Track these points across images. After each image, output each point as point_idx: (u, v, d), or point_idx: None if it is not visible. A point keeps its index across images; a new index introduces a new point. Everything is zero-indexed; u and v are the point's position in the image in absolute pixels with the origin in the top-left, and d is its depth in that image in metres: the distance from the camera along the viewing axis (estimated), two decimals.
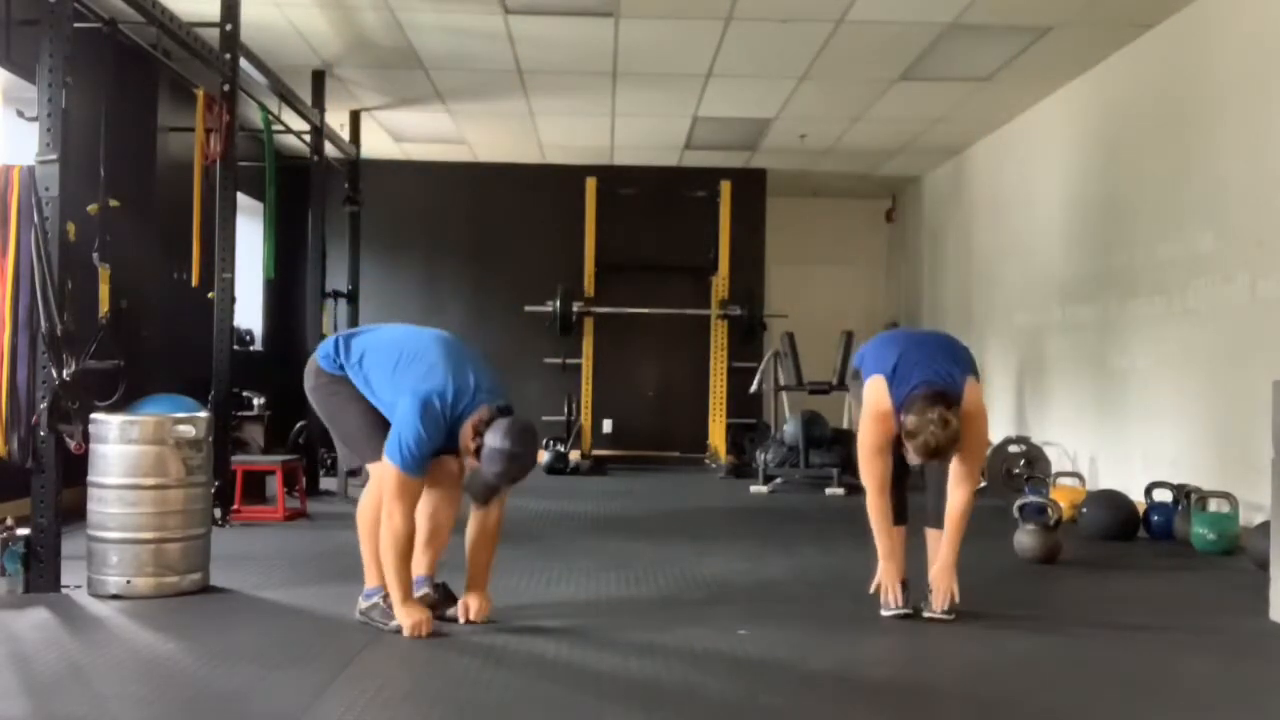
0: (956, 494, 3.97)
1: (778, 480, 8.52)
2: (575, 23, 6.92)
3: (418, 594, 3.90)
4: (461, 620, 3.81)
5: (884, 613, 4.04)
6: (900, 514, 4.12)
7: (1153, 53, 6.87)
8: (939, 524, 4.08)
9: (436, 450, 3.63)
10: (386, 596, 3.77)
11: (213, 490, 4.72)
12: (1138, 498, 6.19)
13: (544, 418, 10.52)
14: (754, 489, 8.31)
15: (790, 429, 8.68)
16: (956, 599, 3.96)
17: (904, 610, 4.02)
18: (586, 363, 10.48)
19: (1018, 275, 8.85)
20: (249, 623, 3.91)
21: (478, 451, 3.57)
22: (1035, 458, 7.67)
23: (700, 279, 10.75)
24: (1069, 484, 6.89)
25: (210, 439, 4.43)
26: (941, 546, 4.00)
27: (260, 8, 6.64)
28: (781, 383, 9.44)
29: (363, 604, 3.83)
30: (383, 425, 3.72)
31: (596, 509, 7.17)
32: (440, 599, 3.91)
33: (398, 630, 3.67)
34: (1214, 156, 6.12)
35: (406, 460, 3.55)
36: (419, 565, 3.95)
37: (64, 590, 4.23)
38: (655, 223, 10.95)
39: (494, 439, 3.53)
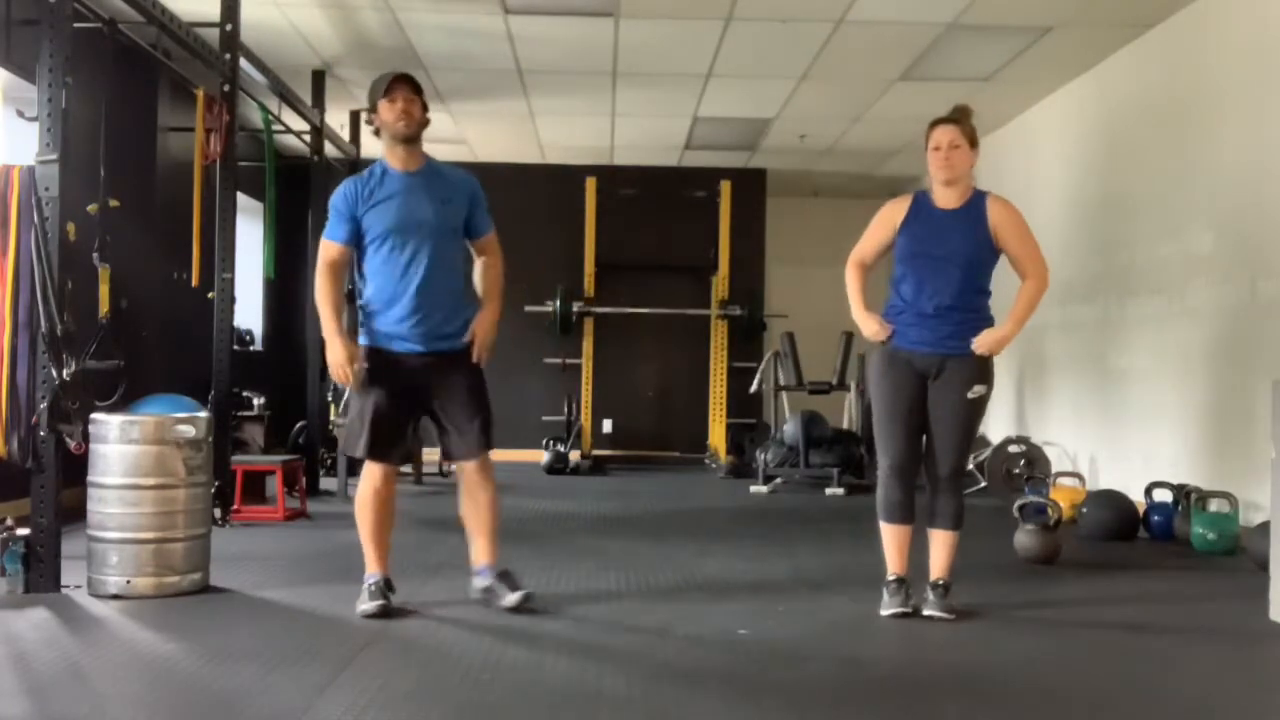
0: (1022, 289, 4.07)
1: (778, 480, 8.52)
2: (575, 23, 6.92)
3: (482, 585, 4.04)
4: (515, 605, 3.96)
5: (883, 611, 4.04)
6: (909, 513, 4.13)
7: (1153, 52, 6.87)
8: (941, 525, 4.10)
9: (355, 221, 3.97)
10: (377, 583, 3.93)
11: (213, 490, 4.72)
12: (1138, 498, 6.19)
13: (544, 418, 10.53)
14: (754, 489, 8.31)
15: (790, 429, 8.68)
16: (998, 349, 3.98)
17: (903, 609, 4.02)
18: (586, 363, 10.48)
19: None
20: (249, 623, 3.91)
21: (376, 108, 3.98)
22: (1035, 458, 7.67)
23: (700, 279, 10.75)
24: (1069, 484, 6.89)
25: (210, 439, 4.43)
26: (1007, 321, 4.03)
27: (260, 8, 6.64)
28: (781, 383, 9.44)
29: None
30: (373, 423, 3.93)
31: (596, 509, 7.17)
32: (500, 587, 4.00)
33: (365, 615, 3.85)
34: (1214, 156, 6.12)
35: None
36: (479, 555, 4.08)
37: (64, 590, 4.23)
38: (655, 223, 10.95)
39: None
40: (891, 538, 4.13)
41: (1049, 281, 4.07)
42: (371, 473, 4.01)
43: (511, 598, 3.96)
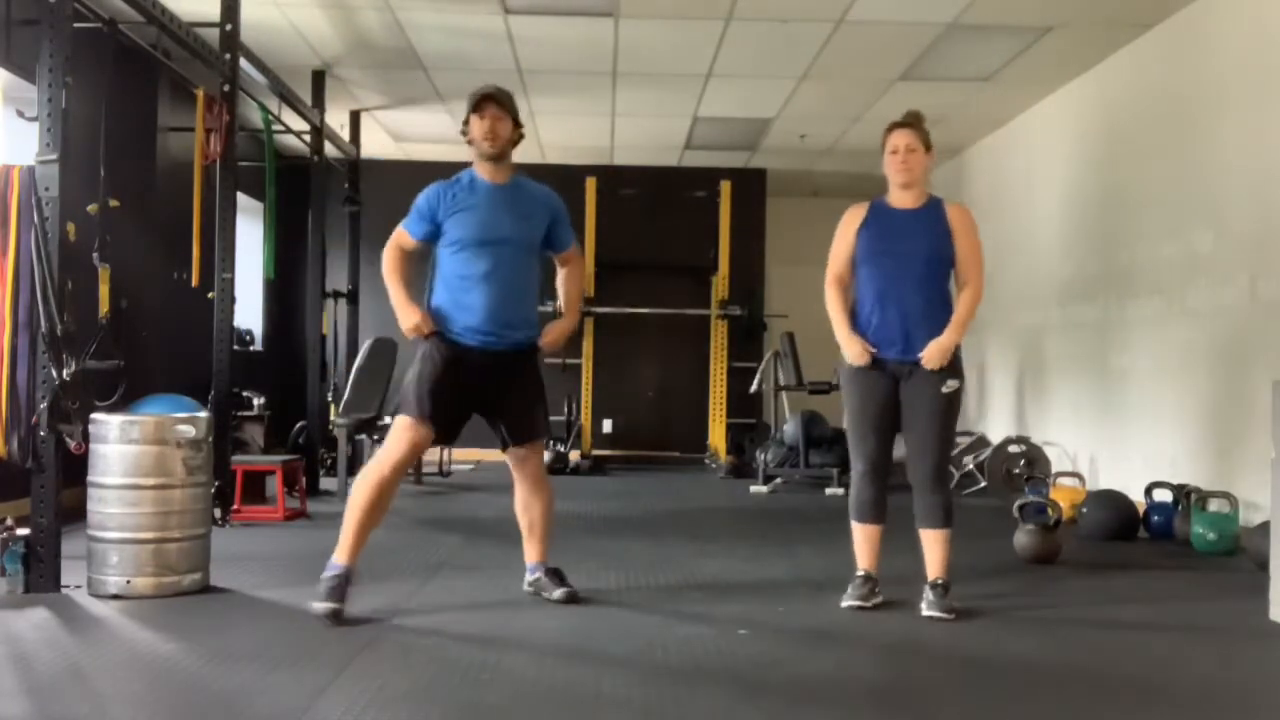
0: (962, 295, 4.11)
1: (778, 480, 8.52)
2: (575, 23, 6.92)
3: (531, 578, 4.25)
4: (561, 599, 4.12)
5: (844, 603, 4.11)
6: (881, 512, 4.17)
7: (1153, 52, 6.87)
8: (932, 524, 4.11)
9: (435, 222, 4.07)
10: (338, 576, 3.85)
11: (213, 490, 4.72)
12: (1138, 498, 6.18)
13: None
14: (754, 489, 8.31)
15: (790, 429, 8.68)
16: (943, 363, 4.00)
17: (863, 604, 4.08)
18: (586, 363, 10.48)
19: (1018, 275, 8.85)
20: (249, 623, 3.91)
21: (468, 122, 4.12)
22: (1035, 458, 7.67)
23: (700, 279, 10.75)
24: (1069, 484, 6.89)
25: (210, 439, 4.43)
26: (949, 328, 4.03)
27: (260, 8, 6.64)
28: (781, 383, 9.44)
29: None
30: (431, 391, 3.98)
31: (596, 509, 7.16)
32: (548, 582, 4.19)
33: (316, 614, 3.78)
34: (1214, 156, 6.12)
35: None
36: (531, 553, 4.27)
37: (64, 590, 4.23)
38: (655, 223, 10.95)
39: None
40: (863, 537, 4.20)
41: (983, 293, 4.13)
42: (390, 454, 3.96)
43: (558, 593, 4.16)
